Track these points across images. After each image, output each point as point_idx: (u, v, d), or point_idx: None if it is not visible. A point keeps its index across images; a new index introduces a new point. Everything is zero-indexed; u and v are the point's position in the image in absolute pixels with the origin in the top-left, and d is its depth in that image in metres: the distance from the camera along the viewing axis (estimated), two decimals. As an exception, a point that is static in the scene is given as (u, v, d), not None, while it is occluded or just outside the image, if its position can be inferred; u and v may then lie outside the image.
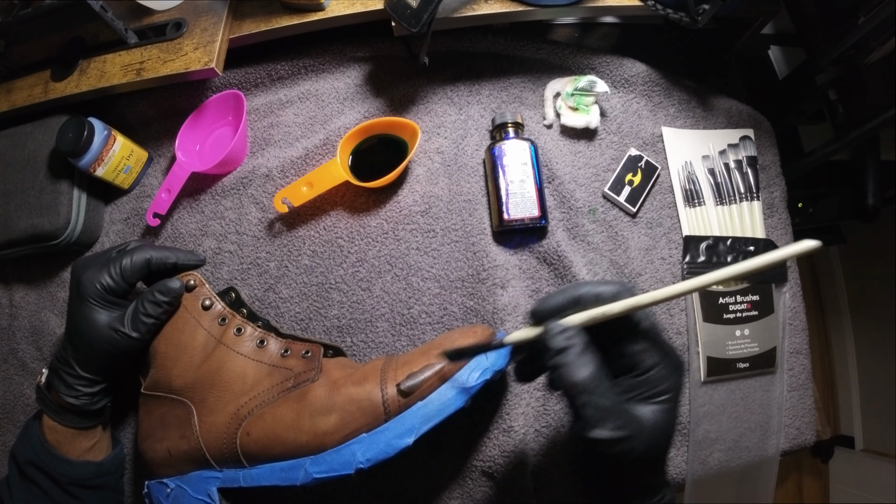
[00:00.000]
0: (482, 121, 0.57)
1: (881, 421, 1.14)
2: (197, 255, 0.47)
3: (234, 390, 0.41)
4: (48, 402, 0.43)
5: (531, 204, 0.51)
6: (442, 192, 0.54)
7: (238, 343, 0.43)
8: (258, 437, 0.39)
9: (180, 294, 0.43)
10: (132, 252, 0.44)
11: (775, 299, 0.55)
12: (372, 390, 0.38)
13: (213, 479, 0.40)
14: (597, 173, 0.56)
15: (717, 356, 0.52)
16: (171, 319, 0.44)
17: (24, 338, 0.57)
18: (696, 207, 0.56)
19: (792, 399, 0.54)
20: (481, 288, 0.51)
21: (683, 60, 0.66)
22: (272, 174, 0.56)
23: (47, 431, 0.43)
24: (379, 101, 0.58)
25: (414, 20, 0.47)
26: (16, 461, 0.44)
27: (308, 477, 0.37)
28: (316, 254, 0.54)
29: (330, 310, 0.52)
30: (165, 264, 0.45)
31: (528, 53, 0.59)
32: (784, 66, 0.69)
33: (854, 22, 0.50)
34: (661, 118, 0.59)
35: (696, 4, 0.49)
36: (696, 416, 0.51)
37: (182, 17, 0.55)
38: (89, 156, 0.52)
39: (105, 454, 0.46)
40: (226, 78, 0.59)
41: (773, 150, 0.60)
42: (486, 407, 0.48)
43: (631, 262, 0.54)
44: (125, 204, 0.59)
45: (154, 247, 0.46)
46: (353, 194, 0.55)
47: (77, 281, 0.43)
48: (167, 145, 0.60)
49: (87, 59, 0.55)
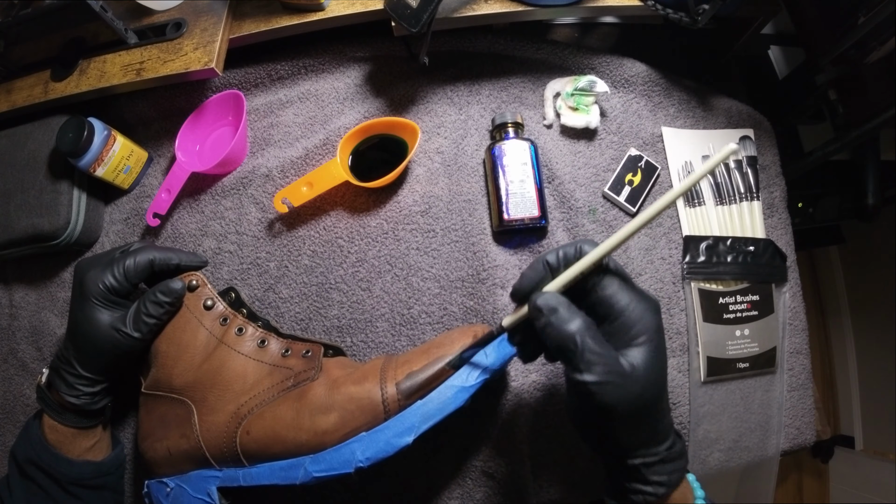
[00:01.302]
0: (482, 121, 0.57)
1: (881, 421, 1.14)
2: (199, 257, 0.47)
3: (235, 389, 0.41)
4: (49, 401, 0.43)
5: (531, 204, 0.51)
6: (442, 192, 0.54)
7: (239, 343, 0.43)
8: (258, 435, 0.39)
9: (182, 295, 0.43)
10: (135, 253, 0.44)
11: (775, 299, 0.55)
12: (372, 389, 0.38)
13: (212, 479, 0.40)
14: (597, 173, 0.56)
15: (717, 356, 0.52)
16: (173, 319, 0.44)
17: (24, 338, 0.57)
18: (696, 207, 0.56)
19: (792, 399, 0.54)
20: (481, 288, 0.51)
21: (683, 60, 0.66)
22: (272, 174, 0.56)
23: (48, 431, 0.43)
24: (379, 101, 0.58)
25: (414, 20, 0.47)
26: (16, 460, 0.44)
27: (308, 476, 0.37)
28: (316, 254, 0.54)
29: (330, 310, 0.52)
30: (168, 265, 0.45)
31: (528, 53, 0.59)
32: (784, 66, 0.69)
33: (854, 22, 0.50)
34: (661, 118, 0.59)
35: (696, 4, 0.49)
36: (696, 416, 0.51)
37: (182, 17, 0.55)
38: (89, 156, 0.52)
39: (105, 454, 0.46)
40: (226, 78, 0.59)
41: (773, 150, 0.60)
42: (486, 407, 0.48)
43: (631, 262, 0.54)
44: (125, 204, 0.59)
45: (157, 248, 0.46)
46: (353, 194, 0.55)
47: (80, 280, 0.43)
48: (167, 145, 0.60)
49: (87, 59, 0.55)
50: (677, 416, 0.50)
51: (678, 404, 0.50)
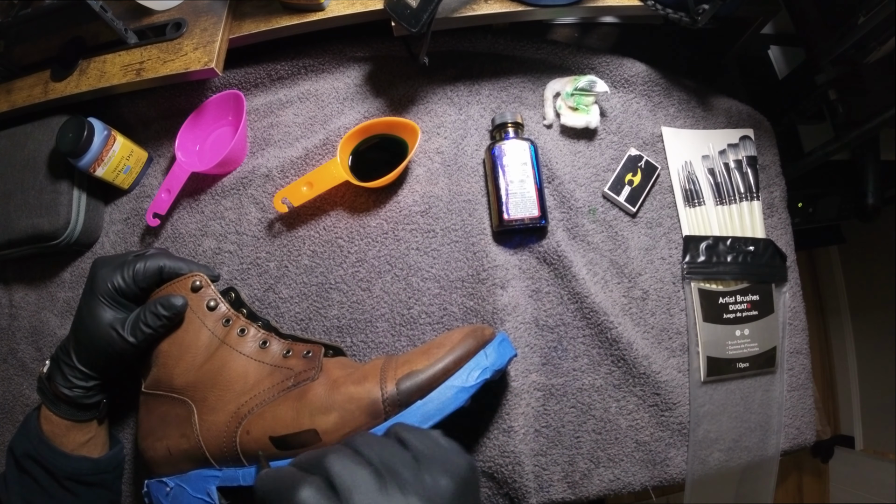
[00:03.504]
0: (482, 121, 0.57)
1: (881, 421, 1.14)
2: (211, 270, 0.47)
3: (236, 389, 0.41)
4: (46, 391, 0.44)
5: (531, 204, 0.51)
6: (442, 192, 0.54)
7: (241, 344, 0.43)
8: (258, 435, 0.39)
9: (182, 311, 0.43)
10: (148, 258, 0.45)
11: (775, 299, 0.55)
12: (371, 389, 0.38)
13: (212, 478, 0.40)
14: (597, 173, 0.56)
15: (717, 356, 0.52)
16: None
17: (23, 338, 0.57)
18: (695, 207, 0.56)
19: (792, 399, 0.54)
20: (481, 288, 0.51)
21: (683, 60, 0.66)
22: (272, 174, 0.56)
23: (43, 422, 0.43)
24: (379, 101, 0.58)
25: (414, 20, 0.47)
26: (13, 455, 0.44)
27: (308, 476, 0.37)
28: (316, 254, 0.54)
29: (330, 310, 0.52)
30: (178, 274, 0.45)
31: (528, 53, 0.59)
32: (784, 66, 0.69)
33: (854, 22, 0.50)
34: (660, 118, 0.59)
35: (696, 4, 0.49)
36: (696, 416, 0.51)
37: (182, 17, 0.55)
38: (89, 156, 0.52)
39: (102, 452, 0.46)
40: (226, 78, 0.59)
41: (773, 150, 0.60)
42: (486, 407, 0.48)
43: (631, 262, 0.54)
44: (125, 204, 0.59)
45: (171, 256, 0.46)
46: (353, 194, 0.55)
47: (93, 276, 0.44)
48: (167, 145, 0.60)
49: (87, 59, 0.55)
50: (677, 416, 0.50)
51: (678, 404, 0.50)
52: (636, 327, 0.52)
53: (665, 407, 0.50)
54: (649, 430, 0.50)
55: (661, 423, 0.50)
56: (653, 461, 0.49)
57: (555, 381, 0.50)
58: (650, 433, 0.50)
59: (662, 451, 0.50)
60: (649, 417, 0.50)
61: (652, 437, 0.50)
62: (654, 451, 0.50)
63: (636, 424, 0.50)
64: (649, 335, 0.52)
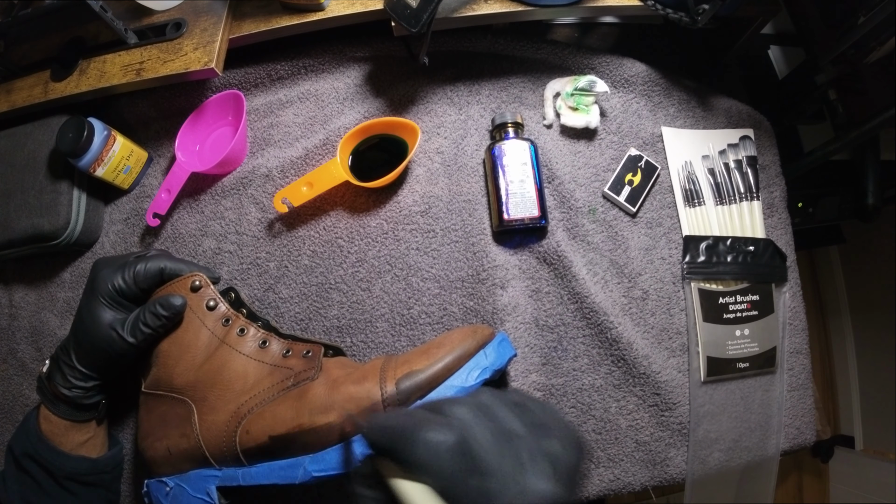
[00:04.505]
0: (482, 121, 0.57)
1: (881, 421, 1.14)
2: (212, 272, 0.47)
3: (235, 389, 0.41)
4: (45, 390, 0.44)
5: (531, 204, 0.51)
6: (442, 193, 0.54)
7: (241, 343, 0.43)
8: (258, 435, 0.39)
9: (182, 311, 0.43)
10: (149, 259, 0.45)
11: (775, 299, 0.55)
12: (371, 389, 0.38)
13: (212, 478, 0.40)
14: (597, 173, 0.56)
15: (717, 356, 0.52)
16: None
17: (23, 338, 0.57)
18: (695, 207, 0.56)
19: (792, 399, 0.54)
20: (481, 288, 0.51)
21: (683, 60, 0.66)
22: (272, 174, 0.56)
23: (43, 421, 0.43)
24: (379, 101, 0.58)
25: (414, 20, 0.47)
26: (13, 454, 0.44)
27: (307, 475, 0.37)
28: (316, 254, 0.54)
29: (330, 310, 0.52)
30: (179, 275, 0.45)
31: (528, 53, 0.59)
32: (784, 66, 0.69)
33: (854, 22, 0.50)
34: (660, 118, 0.59)
35: (696, 4, 0.49)
36: (696, 416, 0.51)
37: (182, 17, 0.55)
38: (89, 156, 0.52)
39: (101, 452, 0.46)
40: (226, 78, 0.59)
41: (773, 149, 0.60)
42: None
43: (631, 262, 0.54)
44: (125, 204, 0.59)
45: (172, 258, 0.47)
46: (353, 194, 0.55)
47: (94, 276, 0.44)
48: (167, 145, 0.60)
49: (86, 59, 0.55)
50: (677, 416, 0.50)
51: (678, 404, 0.50)
52: (636, 327, 0.52)
53: (665, 407, 0.50)
54: (649, 430, 0.50)
55: (661, 423, 0.50)
56: (653, 461, 0.49)
57: (555, 381, 0.50)
58: (650, 433, 0.50)
59: (662, 451, 0.50)
60: (649, 417, 0.50)
61: (652, 437, 0.50)
62: (654, 451, 0.50)
63: (636, 424, 0.50)
64: (649, 335, 0.52)
